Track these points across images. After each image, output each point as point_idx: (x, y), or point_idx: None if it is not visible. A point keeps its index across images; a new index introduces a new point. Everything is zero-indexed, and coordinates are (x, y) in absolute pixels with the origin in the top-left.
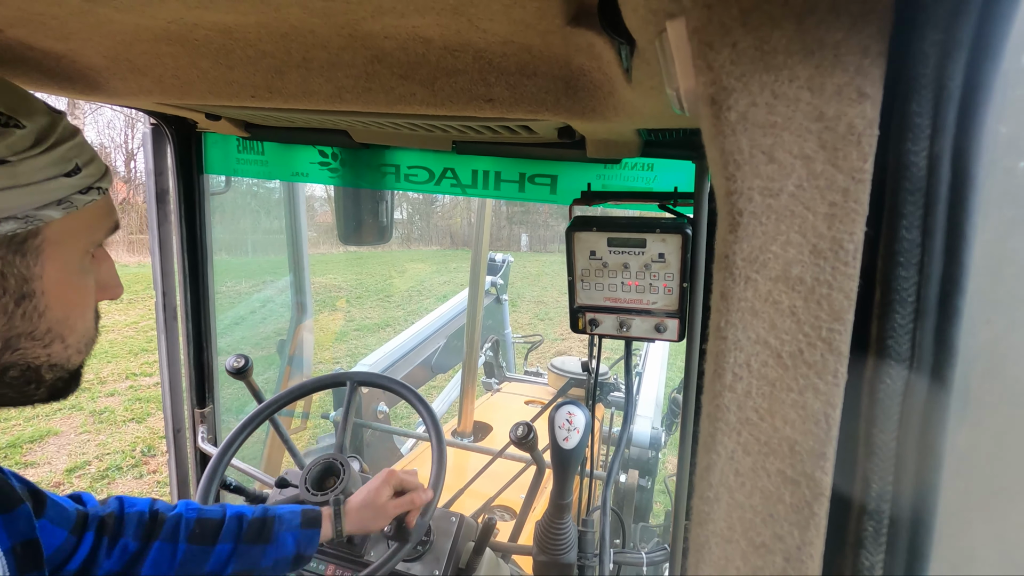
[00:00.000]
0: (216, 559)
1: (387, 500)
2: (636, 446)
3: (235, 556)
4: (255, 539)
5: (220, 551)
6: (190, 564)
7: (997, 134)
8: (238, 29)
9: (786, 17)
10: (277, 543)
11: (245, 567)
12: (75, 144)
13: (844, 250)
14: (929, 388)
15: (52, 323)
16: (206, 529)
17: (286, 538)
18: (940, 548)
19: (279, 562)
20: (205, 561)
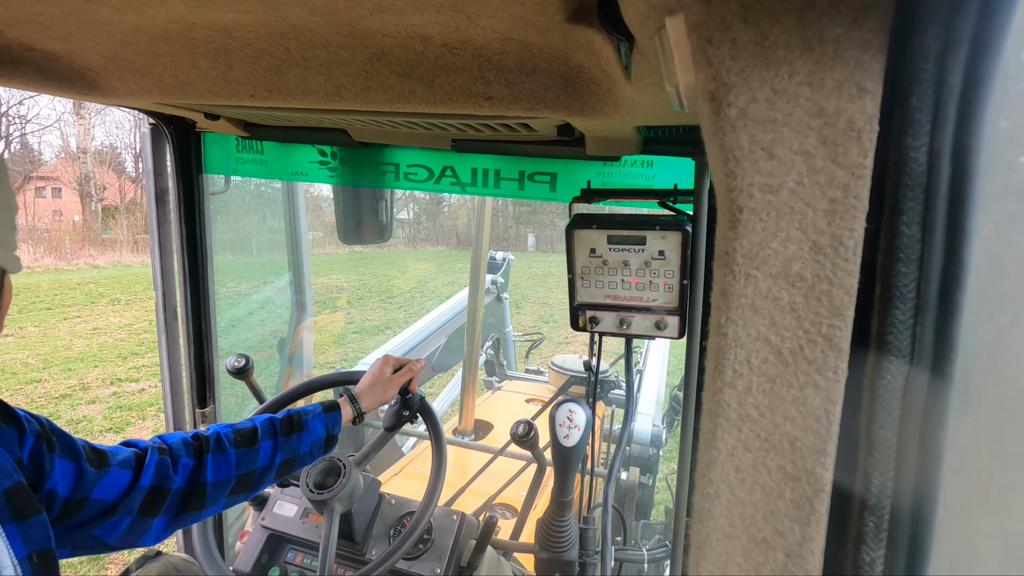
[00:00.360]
0: (264, 454)
1: (390, 375)
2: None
3: (279, 448)
4: (289, 430)
5: (265, 447)
6: (244, 464)
7: (997, 129)
8: (237, 28)
9: (786, 12)
10: (310, 428)
11: (288, 455)
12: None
13: (844, 246)
14: (929, 384)
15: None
16: (245, 435)
17: (316, 424)
18: (941, 543)
19: (314, 445)
20: (255, 458)
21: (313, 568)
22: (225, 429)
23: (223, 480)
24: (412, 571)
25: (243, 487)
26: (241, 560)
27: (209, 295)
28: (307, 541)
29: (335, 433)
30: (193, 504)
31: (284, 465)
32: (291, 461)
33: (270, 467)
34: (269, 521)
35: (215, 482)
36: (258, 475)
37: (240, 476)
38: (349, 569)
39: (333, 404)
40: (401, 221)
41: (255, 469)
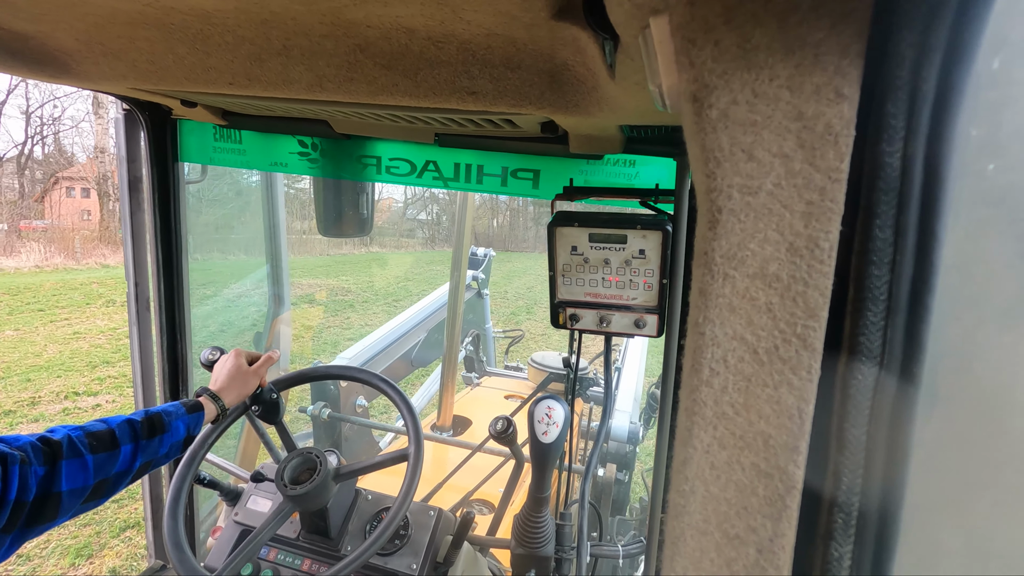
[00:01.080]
0: (123, 459)
1: (247, 367)
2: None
3: (139, 452)
4: (151, 433)
5: (124, 451)
6: (102, 470)
7: (969, 137)
8: (216, 14)
9: (768, 16)
10: (171, 430)
11: (148, 458)
12: None
13: (820, 248)
14: (899, 384)
15: None
16: (102, 439)
17: (178, 424)
18: (907, 539)
19: (173, 446)
20: (114, 463)
21: (287, 564)
22: (76, 433)
23: (79, 488)
24: (388, 567)
25: (97, 494)
26: (213, 556)
27: (184, 286)
28: (281, 537)
29: (195, 433)
30: (44, 516)
31: (142, 468)
32: (148, 464)
33: (128, 471)
34: (242, 517)
35: (70, 491)
36: (114, 480)
37: (97, 483)
38: (324, 565)
39: (196, 404)
40: (421, 222)
41: (112, 475)
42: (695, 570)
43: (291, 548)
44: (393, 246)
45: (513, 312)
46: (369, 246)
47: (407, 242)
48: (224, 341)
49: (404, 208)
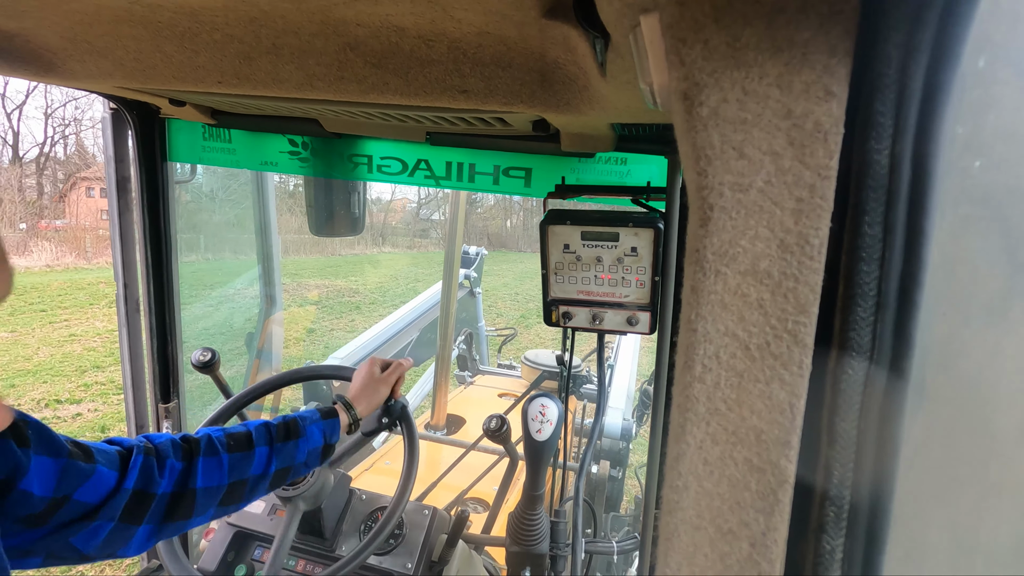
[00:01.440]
0: (259, 461)
1: (380, 375)
2: (608, 437)
3: (274, 456)
4: (286, 436)
5: (260, 453)
6: (237, 470)
7: (955, 134)
8: (204, 12)
9: (757, 15)
10: (307, 436)
11: (284, 463)
12: None
13: (810, 245)
14: (888, 379)
15: None
16: (239, 440)
17: (313, 431)
18: (896, 532)
19: (311, 453)
20: (249, 465)
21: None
22: (217, 432)
23: (214, 487)
24: (383, 567)
25: (234, 497)
26: (206, 558)
27: (174, 287)
28: (274, 538)
29: (333, 442)
30: (180, 512)
31: (279, 474)
32: (286, 470)
33: (264, 475)
34: (235, 518)
35: (205, 488)
36: (251, 484)
37: (232, 484)
38: (319, 566)
39: (331, 410)
40: (434, 222)
41: (248, 477)
42: (689, 565)
43: None
44: (406, 246)
45: (523, 315)
46: (382, 246)
47: (420, 242)
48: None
49: (418, 208)
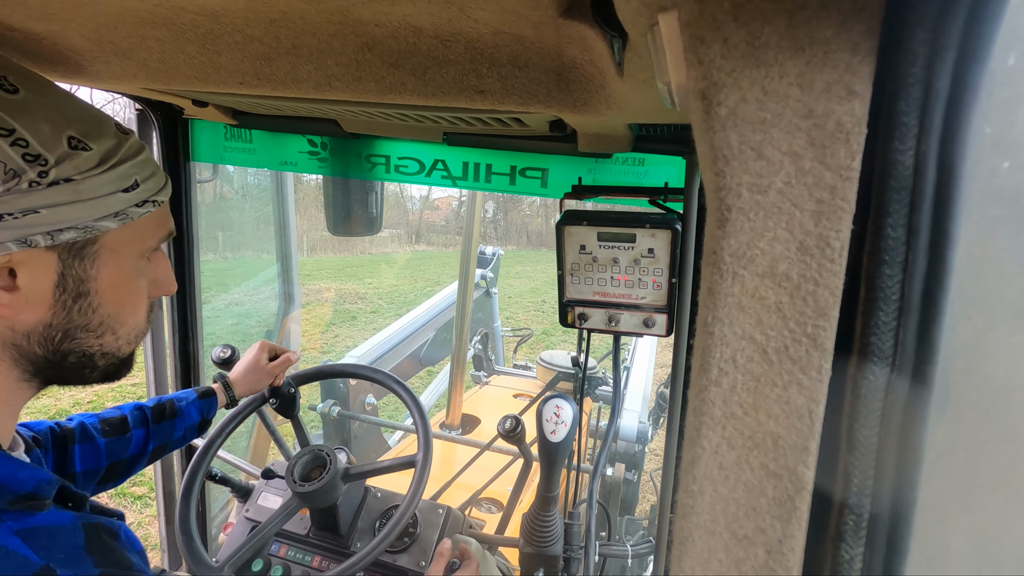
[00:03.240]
0: (136, 442)
1: (266, 363)
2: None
3: (151, 436)
4: (160, 418)
5: (136, 435)
6: (114, 453)
7: (982, 134)
8: (225, 13)
9: (777, 12)
10: (184, 415)
11: (160, 442)
12: (137, 162)
13: (830, 247)
14: (911, 385)
15: (104, 317)
16: (114, 424)
17: (190, 409)
18: (918, 542)
19: (188, 430)
20: (126, 447)
21: (298, 560)
22: (91, 419)
23: (92, 471)
24: (397, 564)
25: (112, 476)
26: (224, 552)
27: (195, 284)
28: (292, 533)
29: (209, 417)
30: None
31: (156, 451)
32: (163, 447)
33: (142, 454)
34: (253, 513)
35: (84, 472)
36: (128, 463)
37: (110, 465)
38: (334, 562)
39: (208, 391)
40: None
41: (124, 458)
42: (703, 570)
43: (301, 545)
44: (442, 244)
45: (555, 324)
46: (415, 244)
47: (458, 240)
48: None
49: (460, 206)
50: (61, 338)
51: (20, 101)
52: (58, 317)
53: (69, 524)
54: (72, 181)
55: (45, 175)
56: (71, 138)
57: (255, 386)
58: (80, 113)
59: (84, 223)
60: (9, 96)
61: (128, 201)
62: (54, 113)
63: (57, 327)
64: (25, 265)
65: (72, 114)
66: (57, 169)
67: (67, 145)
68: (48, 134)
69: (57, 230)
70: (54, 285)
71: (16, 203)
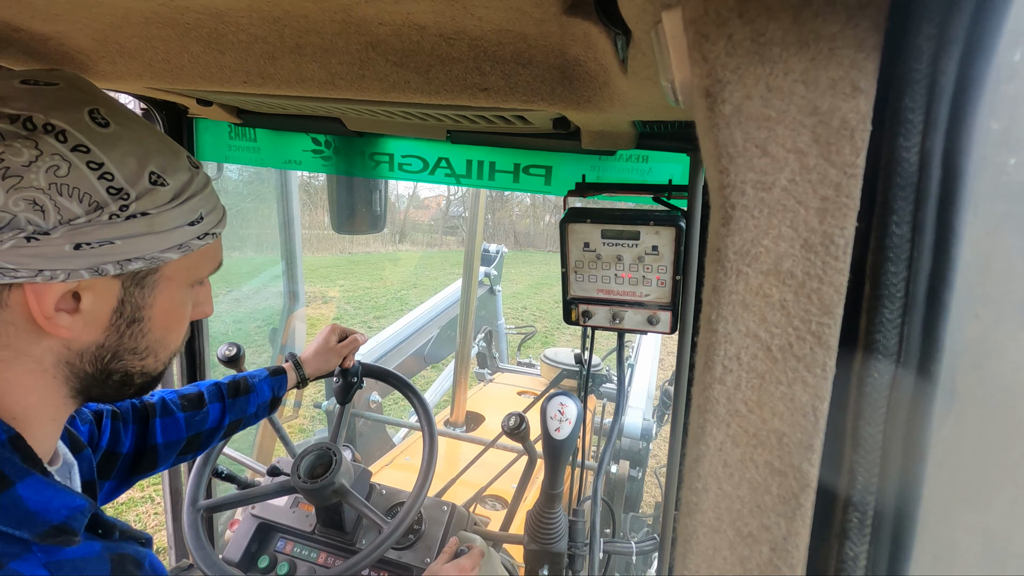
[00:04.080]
0: (212, 416)
1: (335, 344)
2: (627, 437)
3: (227, 411)
4: (236, 393)
5: (212, 409)
6: (193, 426)
7: (988, 130)
8: (229, 13)
9: (782, 9)
10: (257, 391)
11: (236, 416)
12: (203, 196)
13: (835, 244)
14: (916, 382)
15: (151, 342)
16: (191, 399)
17: (263, 387)
18: (923, 539)
19: (260, 406)
20: (204, 420)
21: (303, 557)
22: (171, 395)
23: (173, 441)
24: (402, 561)
25: (192, 447)
26: (231, 549)
27: None
28: (297, 530)
29: (280, 395)
30: (144, 466)
31: (232, 426)
32: (238, 422)
33: (219, 428)
34: (259, 510)
35: (166, 443)
36: (206, 435)
37: (191, 437)
38: (339, 558)
39: (279, 368)
40: (467, 219)
41: (204, 431)
42: (708, 568)
43: (307, 541)
44: (426, 244)
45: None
46: (399, 244)
47: (446, 239)
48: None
49: (447, 206)
50: (110, 359)
51: (110, 135)
52: (111, 339)
53: (96, 555)
54: (148, 215)
55: (125, 208)
56: (152, 173)
57: (324, 366)
58: (159, 146)
59: (151, 254)
60: (101, 130)
61: (192, 234)
62: (138, 147)
63: (109, 348)
64: (90, 291)
65: (152, 147)
66: (137, 203)
67: (148, 180)
68: (133, 169)
69: (127, 260)
70: (113, 310)
71: (95, 233)
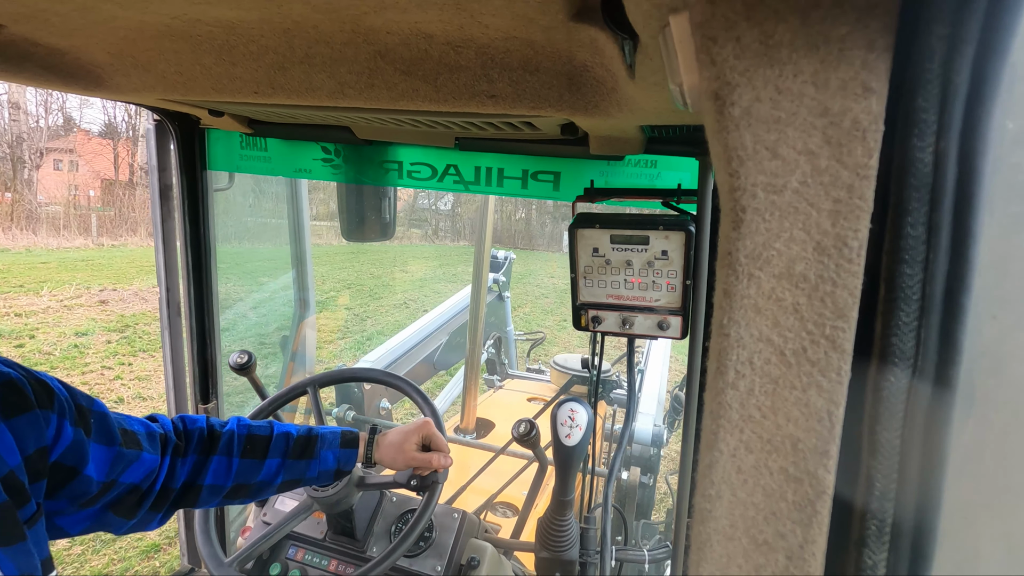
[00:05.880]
0: (267, 471)
1: (412, 449)
2: (638, 443)
3: (283, 469)
4: (300, 455)
5: (270, 465)
6: (243, 475)
7: (1004, 130)
8: (240, 25)
9: (791, 11)
10: (319, 459)
11: (292, 477)
12: None
13: (848, 247)
14: (933, 386)
15: None
16: (256, 445)
17: (327, 456)
18: (944, 547)
19: (322, 474)
20: (256, 473)
21: (315, 565)
22: (242, 431)
23: (219, 486)
24: (413, 569)
25: (238, 495)
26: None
27: (213, 291)
28: (308, 538)
29: (346, 469)
30: (186, 502)
31: (286, 484)
32: (295, 482)
33: (270, 484)
34: (271, 517)
35: (211, 486)
36: (255, 488)
37: (236, 486)
38: (350, 566)
39: (353, 438)
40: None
41: (254, 483)
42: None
43: (318, 549)
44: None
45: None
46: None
47: (410, 233)
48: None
49: (414, 198)
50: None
51: None
52: None
53: None
54: None
55: None
56: None
57: (391, 463)
58: None
59: None
60: None
61: None
62: None
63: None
64: None
65: None
66: None
67: None
68: None
69: None
70: None
71: None
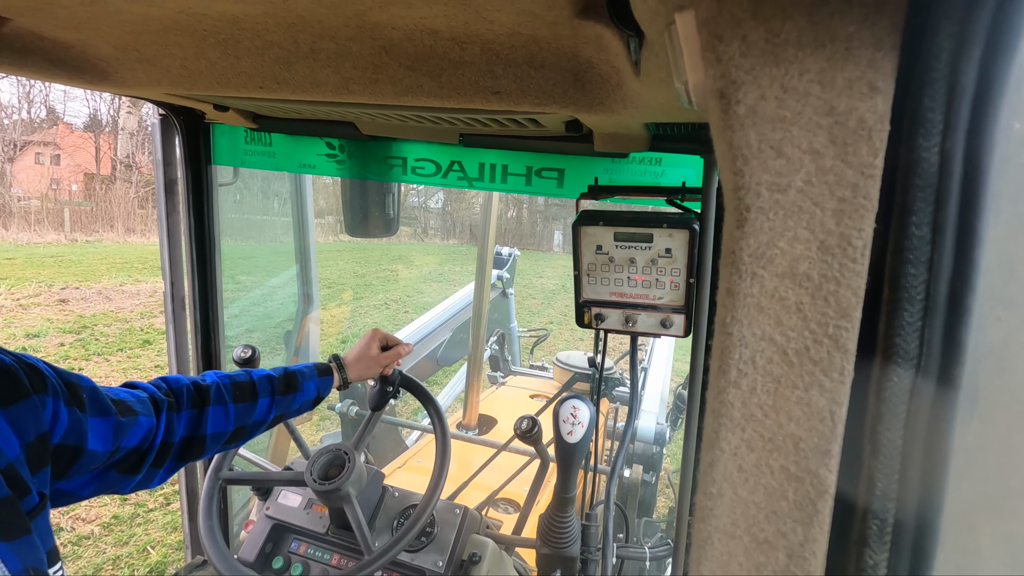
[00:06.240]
0: (260, 410)
1: (377, 352)
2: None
3: (274, 406)
4: (286, 391)
5: (262, 404)
6: (241, 418)
7: (1010, 130)
8: (245, 19)
9: (797, 9)
10: (303, 390)
11: (281, 412)
12: None
13: (852, 246)
14: (937, 387)
15: None
16: (243, 390)
17: (309, 386)
18: (945, 548)
19: (304, 404)
20: (252, 413)
21: (317, 558)
22: (224, 380)
23: (220, 432)
24: (414, 563)
25: (236, 438)
26: (245, 549)
27: (217, 285)
28: (311, 531)
29: (324, 395)
30: (192, 453)
31: (275, 420)
32: (281, 417)
33: (264, 422)
34: (274, 511)
35: (214, 434)
36: (250, 428)
37: (236, 429)
38: (352, 560)
39: (325, 368)
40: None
41: (249, 423)
42: (723, 573)
43: (320, 543)
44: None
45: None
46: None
47: (400, 231)
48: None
49: (405, 195)
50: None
51: None
52: None
53: None
54: None
55: None
56: None
57: (365, 373)
58: None
59: None
60: None
61: None
62: None
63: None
64: None
65: None
66: None
67: None
68: None
69: None
70: None
71: None
